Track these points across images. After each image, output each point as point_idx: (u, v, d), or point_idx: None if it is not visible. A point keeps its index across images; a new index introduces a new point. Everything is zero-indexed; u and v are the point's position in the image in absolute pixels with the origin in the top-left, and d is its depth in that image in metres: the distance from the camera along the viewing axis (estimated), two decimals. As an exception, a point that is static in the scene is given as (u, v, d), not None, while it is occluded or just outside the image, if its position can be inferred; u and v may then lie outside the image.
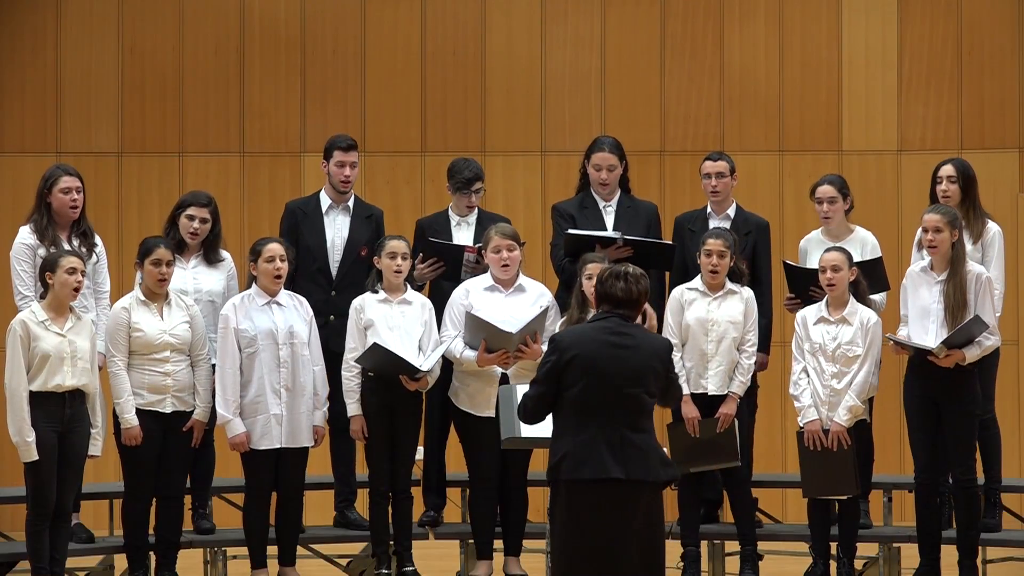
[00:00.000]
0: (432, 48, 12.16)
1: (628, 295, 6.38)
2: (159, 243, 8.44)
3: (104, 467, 10.15)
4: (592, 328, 6.41)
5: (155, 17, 12.04)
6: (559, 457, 6.29)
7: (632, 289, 6.39)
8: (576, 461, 6.24)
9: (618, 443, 6.23)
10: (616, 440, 6.23)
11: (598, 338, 6.33)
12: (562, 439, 6.31)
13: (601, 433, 6.24)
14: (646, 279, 6.46)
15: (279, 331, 8.44)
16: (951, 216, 8.35)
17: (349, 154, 9.10)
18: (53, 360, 7.99)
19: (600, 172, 9.10)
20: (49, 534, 8.05)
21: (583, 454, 6.23)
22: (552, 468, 6.31)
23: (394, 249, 8.59)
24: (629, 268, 6.44)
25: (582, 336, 6.38)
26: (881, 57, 12.08)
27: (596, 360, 6.29)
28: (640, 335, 6.42)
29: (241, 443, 8.40)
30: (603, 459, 6.21)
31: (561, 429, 6.33)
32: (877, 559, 8.97)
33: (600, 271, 6.57)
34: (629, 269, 6.43)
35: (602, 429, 6.24)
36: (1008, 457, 9.20)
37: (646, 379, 6.33)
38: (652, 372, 6.36)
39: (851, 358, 8.44)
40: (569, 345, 6.33)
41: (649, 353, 6.37)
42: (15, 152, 11.89)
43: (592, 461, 6.22)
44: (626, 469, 6.22)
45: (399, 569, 8.66)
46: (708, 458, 8.60)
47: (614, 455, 6.22)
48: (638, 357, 6.33)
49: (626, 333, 6.35)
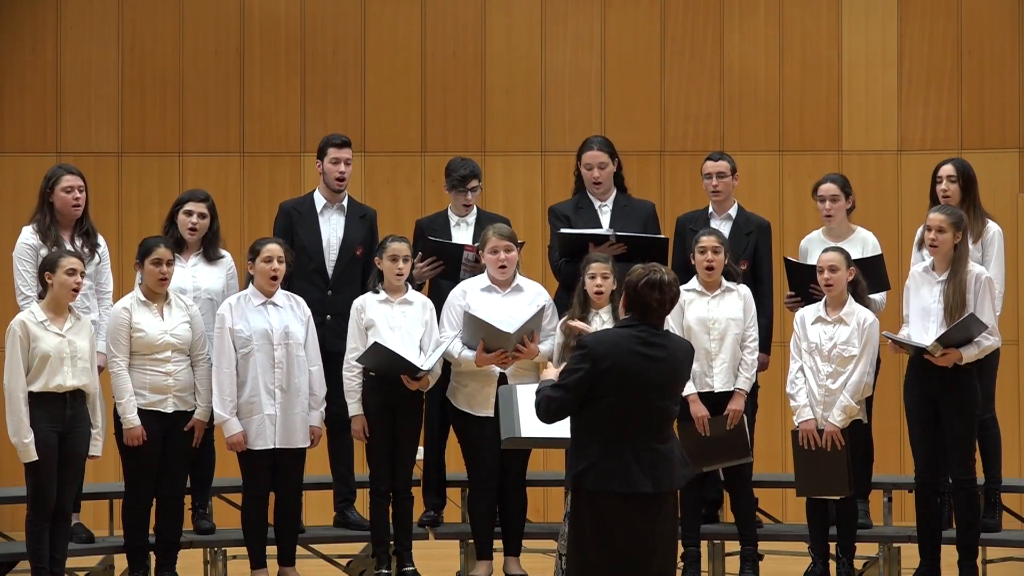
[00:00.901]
0: (432, 48, 12.16)
1: (662, 306, 6.21)
2: (159, 243, 8.44)
3: (104, 467, 10.14)
4: (625, 338, 6.19)
5: (155, 17, 12.04)
6: (585, 466, 6.15)
7: (666, 299, 6.21)
8: (604, 473, 6.12)
9: (647, 457, 6.12)
10: (645, 454, 6.12)
11: (632, 349, 6.15)
12: (588, 447, 6.17)
13: (630, 447, 6.12)
14: (677, 283, 6.28)
15: (274, 332, 8.44)
16: (956, 218, 8.34)
17: (343, 151, 9.10)
18: (53, 360, 7.99)
19: (592, 171, 9.10)
20: (49, 534, 8.05)
21: (612, 466, 6.11)
22: (577, 475, 6.17)
23: (396, 252, 8.59)
24: (664, 276, 6.22)
25: (616, 347, 6.16)
26: (881, 57, 12.08)
27: (630, 374, 6.12)
28: (670, 343, 6.26)
29: (238, 443, 8.40)
30: (632, 473, 6.10)
31: (587, 437, 6.18)
32: (877, 559, 8.97)
33: (634, 273, 6.28)
34: (665, 277, 6.22)
35: (631, 442, 6.12)
36: (1008, 457, 9.20)
37: (675, 390, 6.25)
38: (681, 380, 6.28)
39: (847, 358, 8.44)
40: (604, 355, 6.13)
41: (679, 362, 6.24)
42: (15, 152, 11.89)
43: (621, 474, 6.10)
44: (655, 483, 6.13)
45: (399, 569, 8.66)
46: (720, 456, 8.61)
47: (643, 469, 6.11)
48: (668, 369, 6.19)
49: (658, 344, 6.19)
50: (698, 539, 8.75)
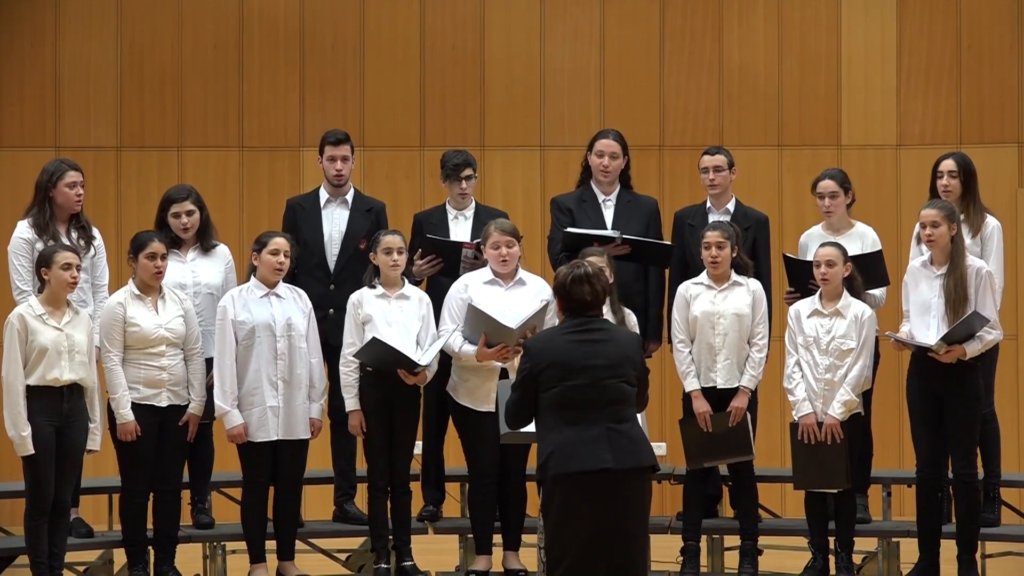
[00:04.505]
0: (431, 43, 12.15)
1: (596, 297, 6.38)
2: (152, 237, 8.44)
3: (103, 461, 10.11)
4: (560, 331, 6.40)
5: (154, 12, 12.03)
6: (546, 455, 6.29)
7: (598, 289, 6.38)
8: (564, 456, 6.24)
9: (605, 435, 6.24)
10: (603, 433, 6.24)
11: (568, 339, 6.33)
12: (547, 437, 6.31)
13: (587, 428, 6.24)
14: (604, 273, 6.46)
15: (277, 323, 8.44)
16: (948, 210, 8.36)
17: (339, 148, 9.11)
18: (51, 354, 7.99)
19: (603, 159, 9.11)
20: (48, 529, 8.05)
21: (570, 448, 6.23)
22: (541, 466, 6.32)
23: (389, 245, 8.59)
24: (589, 268, 6.41)
25: (551, 340, 6.38)
26: (880, 52, 12.07)
27: (570, 360, 6.29)
28: (611, 328, 6.46)
29: (239, 435, 8.40)
30: (591, 451, 6.21)
31: (545, 428, 6.33)
32: (876, 554, 8.97)
33: (560, 274, 6.48)
34: (590, 270, 6.40)
35: (586, 425, 6.25)
36: (1007, 452, 9.21)
37: (623, 368, 6.33)
38: (628, 361, 6.36)
39: (844, 351, 8.43)
40: (540, 351, 6.34)
41: (623, 342, 6.38)
42: (14, 147, 11.88)
43: (580, 454, 6.22)
44: (616, 458, 6.22)
45: (398, 563, 8.66)
46: (721, 452, 8.61)
47: (602, 447, 6.22)
48: (612, 347, 6.33)
49: (597, 328, 6.37)
50: (698, 534, 8.75)
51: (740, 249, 8.68)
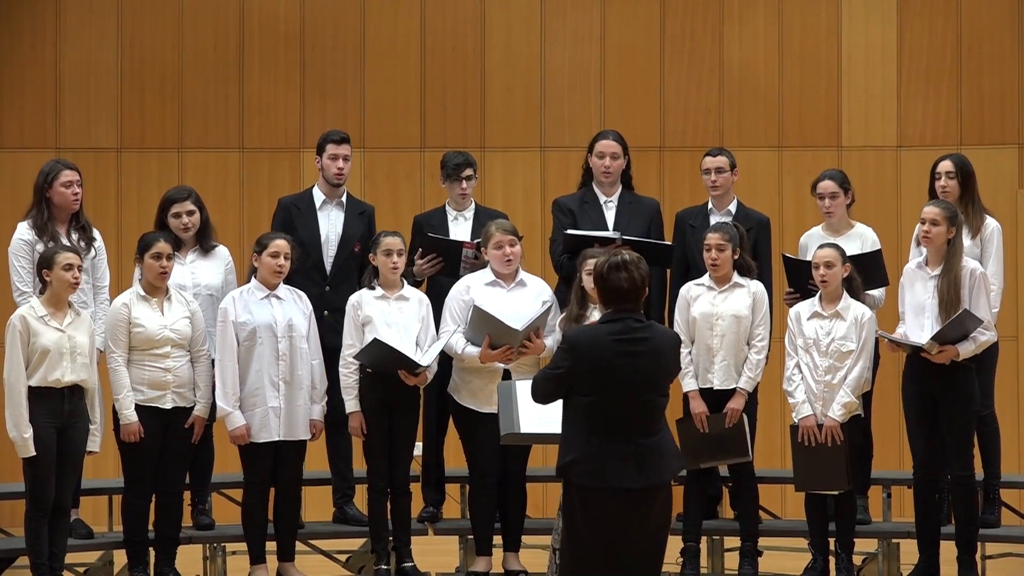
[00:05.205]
0: (431, 44, 12.15)
1: (633, 284, 6.21)
2: (158, 237, 8.44)
3: (104, 463, 10.15)
4: (606, 334, 6.20)
5: (154, 12, 12.03)
6: (570, 459, 6.16)
7: (635, 276, 6.22)
8: (588, 468, 6.11)
9: (634, 452, 6.12)
10: (632, 449, 6.12)
11: (614, 348, 6.16)
12: (572, 440, 6.18)
13: (616, 442, 6.12)
14: (643, 260, 6.31)
15: (278, 324, 8.45)
16: (950, 212, 8.35)
17: (342, 147, 9.12)
18: (52, 355, 8.00)
19: (604, 159, 9.12)
20: (48, 530, 8.05)
21: (597, 462, 6.11)
22: (562, 467, 6.19)
23: (389, 246, 8.59)
24: (626, 255, 6.27)
25: (596, 345, 6.17)
26: (880, 53, 12.07)
27: (610, 373, 6.13)
28: (652, 333, 6.26)
29: (241, 436, 8.41)
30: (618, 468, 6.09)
31: (574, 428, 6.19)
32: (876, 555, 8.98)
33: (598, 264, 6.34)
34: (627, 256, 6.26)
35: (617, 438, 6.12)
36: (1007, 453, 9.21)
37: (659, 381, 6.22)
38: (665, 373, 6.26)
39: (844, 353, 8.43)
40: (584, 354, 6.16)
41: (663, 351, 6.24)
42: (14, 148, 11.88)
43: (607, 470, 6.10)
44: (644, 477, 6.12)
45: (398, 565, 8.66)
46: (717, 454, 8.60)
47: (630, 464, 6.09)
48: (651, 361, 6.19)
49: (639, 338, 6.20)
50: (699, 535, 8.76)
51: (744, 250, 8.68)
